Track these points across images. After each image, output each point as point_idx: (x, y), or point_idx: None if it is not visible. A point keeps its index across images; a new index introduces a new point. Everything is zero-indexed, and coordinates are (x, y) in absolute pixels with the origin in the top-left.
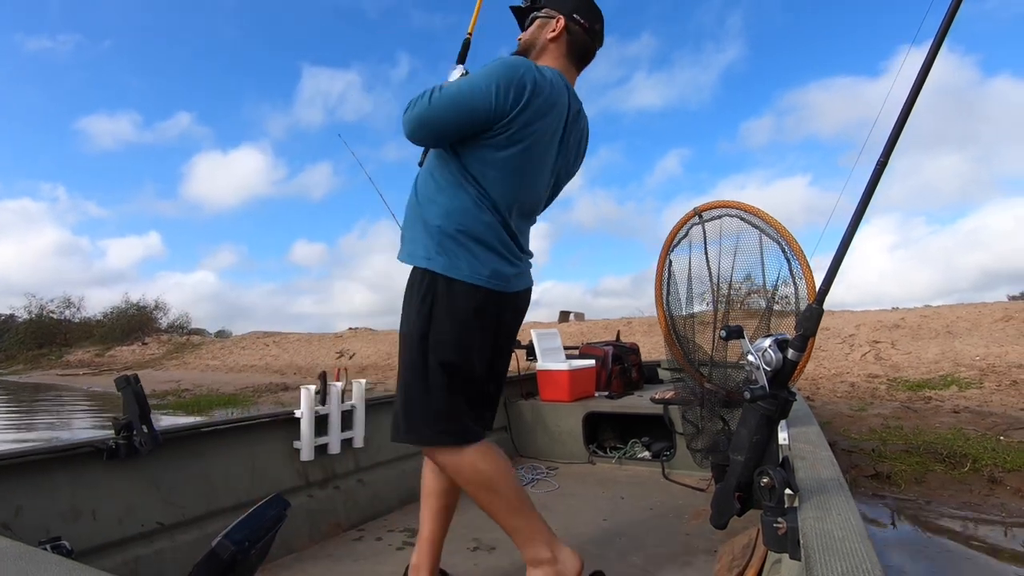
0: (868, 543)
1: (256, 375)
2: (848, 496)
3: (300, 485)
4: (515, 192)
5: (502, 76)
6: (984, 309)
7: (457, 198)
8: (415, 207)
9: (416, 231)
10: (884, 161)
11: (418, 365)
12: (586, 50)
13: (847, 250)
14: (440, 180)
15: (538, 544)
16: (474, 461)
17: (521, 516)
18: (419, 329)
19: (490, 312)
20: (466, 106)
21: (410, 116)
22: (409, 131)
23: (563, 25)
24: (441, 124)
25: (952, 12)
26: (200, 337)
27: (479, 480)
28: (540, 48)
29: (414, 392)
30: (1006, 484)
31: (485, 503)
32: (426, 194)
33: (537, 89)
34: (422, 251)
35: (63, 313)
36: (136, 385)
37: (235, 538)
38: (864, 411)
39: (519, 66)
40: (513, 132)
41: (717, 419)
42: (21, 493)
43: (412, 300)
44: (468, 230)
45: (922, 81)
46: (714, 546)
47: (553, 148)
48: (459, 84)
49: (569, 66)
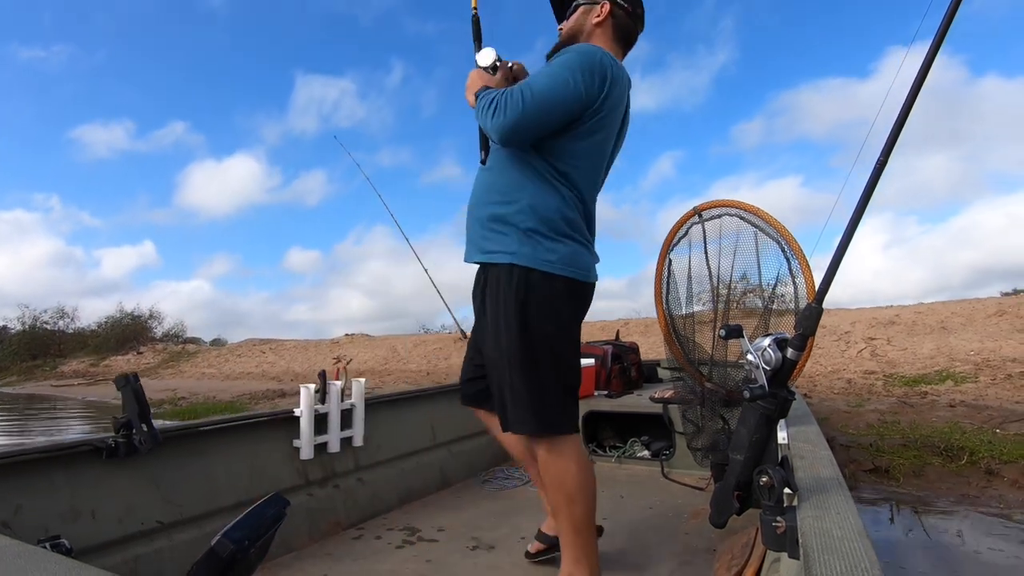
0: (867, 542)
1: (253, 382)
2: (847, 495)
3: (300, 484)
4: (594, 178)
5: (584, 65)
6: (978, 304)
7: (541, 192)
8: (484, 206)
9: (492, 229)
10: (883, 160)
11: (525, 359)
12: (630, 33)
13: (847, 249)
14: (519, 176)
15: (582, 569)
16: (578, 458)
17: (583, 535)
18: (518, 323)
19: (578, 301)
20: (559, 102)
21: (504, 123)
22: (505, 137)
23: (608, 9)
24: (537, 125)
25: (951, 12)
26: (195, 345)
27: (571, 482)
28: (587, 34)
29: (522, 384)
30: (1003, 475)
31: (562, 505)
32: (502, 191)
33: (614, 73)
34: (503, 247)
35: (57, 324)
36: (135, 383)
37: (234, 537)
38: (861, 407)
39: (595, 52)
40: (600, 118)
41: (717, 418)
42: (20, 492)
43: (500, 296)
44: (553, 222)
45: (921, 81)
46: (713, 545)
47: (615, 134)
48: (545, 82)
49: (617, 50)
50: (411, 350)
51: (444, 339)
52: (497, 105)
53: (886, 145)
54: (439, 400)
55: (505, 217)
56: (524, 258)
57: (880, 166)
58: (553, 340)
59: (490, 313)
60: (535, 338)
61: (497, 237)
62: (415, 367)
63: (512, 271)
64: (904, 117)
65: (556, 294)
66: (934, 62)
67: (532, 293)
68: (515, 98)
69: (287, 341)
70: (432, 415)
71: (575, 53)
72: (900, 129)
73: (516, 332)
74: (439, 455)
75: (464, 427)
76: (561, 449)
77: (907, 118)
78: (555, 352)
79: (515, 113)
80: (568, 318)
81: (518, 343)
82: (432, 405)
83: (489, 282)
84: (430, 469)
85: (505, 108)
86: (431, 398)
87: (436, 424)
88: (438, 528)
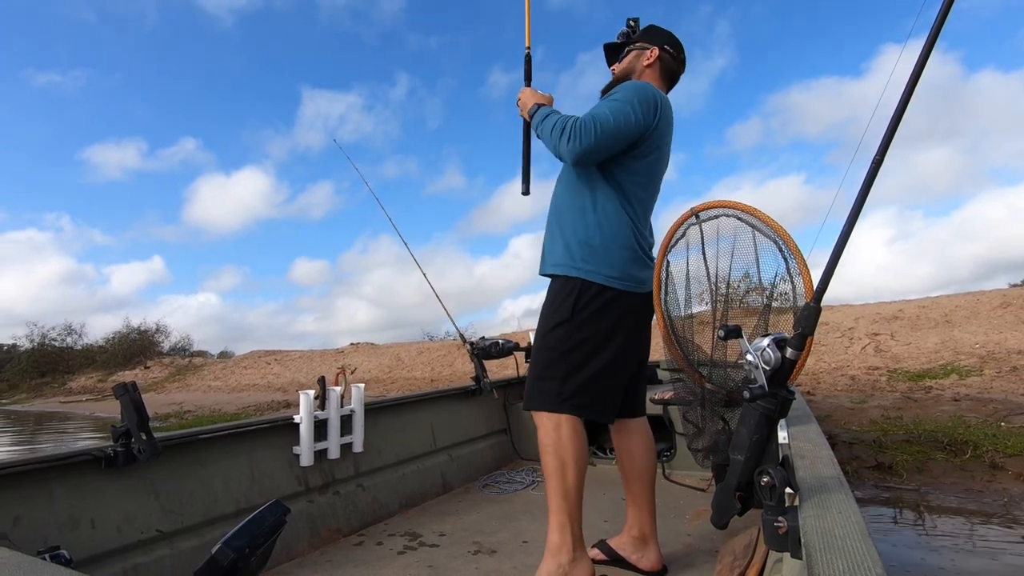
0: (869, 540)
1: (258, 394)
2: (849, 494)
3: (300, 490)
4: (651, 196)
5: (640, 98)
6: (982, 297)
7: (602, 210)
8: (558, 222)
9: (558, 243)
10: (880, 158)
11: (559, 350)
12: (673, 74)
13: (844, 247)
14: (585, 195)
15: (566, 535)
16: (573, 429)
17: (570, 501)
18: (565, 328)
19: (630, 312)
20: (624, 131)
21: (578, 149)
22: (578, 161)
23: (657, 54)
24: (605, 150)
25: (946, 9)
26: (202, 359)
27: (565, 449)
28: (639, 74)
29: (546, 371)
30: (1008, 469)
31: (554, 470)
32: (571, 208)
33: (663, 104)
34: (567, 260)
35: (65, 340)
36: (134, 392)
37: (235, 545)
38: (865, 403)
39: (648, 87)
40: (653, 141)
41: (717, 419)
42: (19, 502)
43: (554, 304)
44: (612, 238)
45: (918, 76)
46: (715, 546)
47: (667, 152)
48: (610, 114)
49: (663, 87)
50: (415, 358)
51: (448, 346)
52: (571, 132)
53: (882, 142)
54: (439, 405)
55: (570, 231)
56: (579, 271)
57: (876, 163)
58: (599, 346)
59: (542, 320)
60: (578, 341)
61: (558, 250)
62: (419, 374)
63: (568, 283)
64: (900, 113)
65: (603, 305)
66: (930, 56)
67: (580, 303)
68: (587, 127)
69: (292, 352)
70: (432, 420)
71: (631, 90)
72: (896, 125)
73: (563, 335)
74: (439, 460)
75: (464, 432)
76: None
77: (903, 114)
78: (598, 355)
79: (587, 143)
80: (620, 327)
81: (562, 340)
82: (432, 410)
83: (549, 291)
84: (431, 474)
85: (580, 135)
86: (431, 403)
87: (436, 429)
88: (439, 533)
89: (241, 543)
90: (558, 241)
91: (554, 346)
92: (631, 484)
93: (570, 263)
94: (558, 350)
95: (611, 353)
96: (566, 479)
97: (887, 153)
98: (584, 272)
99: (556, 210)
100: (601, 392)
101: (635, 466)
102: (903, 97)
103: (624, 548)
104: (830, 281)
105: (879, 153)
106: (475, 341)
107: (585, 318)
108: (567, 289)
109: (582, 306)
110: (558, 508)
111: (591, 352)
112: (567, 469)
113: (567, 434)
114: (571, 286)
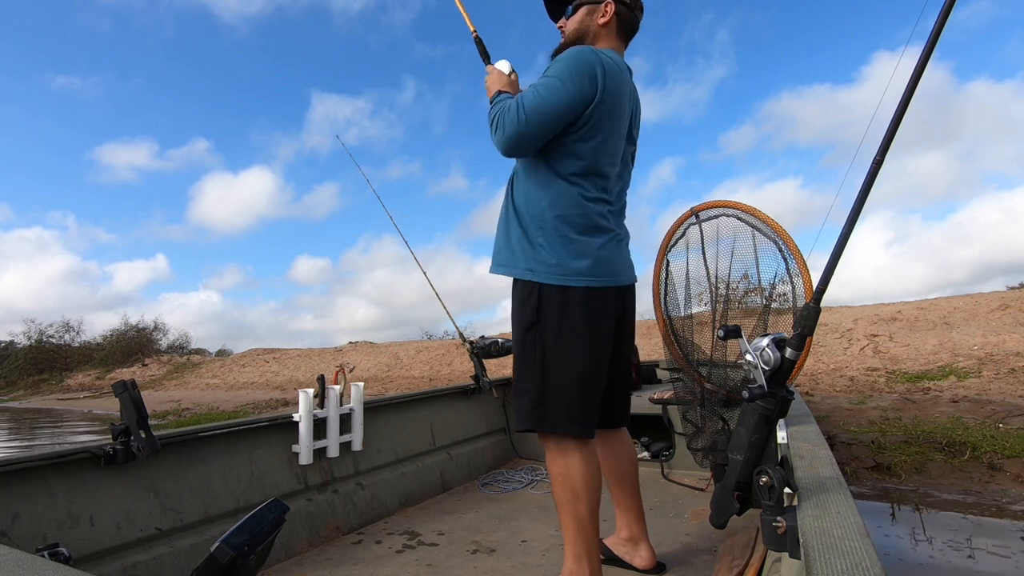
0: (867, 540)
1: (256, 392)
2: (847, 494)
3: (299, 489)
4: (608, 177)
5: (574, 69)
6: (981, 299)
7: (550, 200)
8: (504, 219)
9: (503, 241)
10: (880, 159)
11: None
12: (633, 25)
13: (844, 249)
14: (531, 188)
15: (583, 566)
16: (582, 458)
17: (586, 532)
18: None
19: (596, 306)
20: (554, 109)
21: (506, 137)
22: (507, 150)
23: (613, 9)
24: (536, 135)
25: (943, 16)
26: (200, 356)
27: (576, 481)
28: (593, 35)
29: (536, 385)
30: (1006, 470)
31: (566, 502)
32: (521, 202)
33: (608, 71)
34: (511, 259)
35: (63, 337)
36: (134, 390)
37: (234, 543)
38: (863, 404)
39: (585, 54)
40: (598, 118)
41: (716, 419)
42: (18, 500)
43: (520, 309)
44: (563, 230)
45: (918, 77)
46: (714, 546)
47: (624, 125)
48: (539, 92)
49: (620, 44)
50: (414, 356)
51: (447, 345)
52: (497, 121)
53: (881, 145)
54: (439, 404)
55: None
56: (538, 275)
57: (876, 165)
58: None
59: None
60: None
61: (514, 247)
62: (418, 373)
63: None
64: (901, 114)
65: (565, 301)
66: (927, 64)
67: (544, 301)
68: (511, 114)
69: (291, 350)
70: (432, 419)
71: (566, 59)
72: (897, 126)
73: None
74: (439, 459)
75: (463, 430)
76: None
77: (903, 118)
78: (571, 358)
79: (512, 128)
80: (588, 324)
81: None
82: (431, 409)
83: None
84: (430, 473)
85: (503, 123)
86: (430, 401)
87: (436, 428)
88: (438, 532)
89: (240, 541)
90: (503, 239)
91: (527, 354)
92: (616, 489)
93: (522, 264)
94: (531, 357)
95: (582, 357)
96: (579, 511)
97: (887, 154)
98: (539, 274)
99: (504, 206)
100: (576, 403)
101: (619, 472)
102: (903, 98)
103: (618, 548)
104: (830, 281)
105: (879, 154)
106: (475, 340)
107: (548, 321)
108: (524, 293)
109: (545, 309)
110: (573, 540)
111: (560, 358)
112: (579, 501)
113: (576, 464)
114: (528, 289)
